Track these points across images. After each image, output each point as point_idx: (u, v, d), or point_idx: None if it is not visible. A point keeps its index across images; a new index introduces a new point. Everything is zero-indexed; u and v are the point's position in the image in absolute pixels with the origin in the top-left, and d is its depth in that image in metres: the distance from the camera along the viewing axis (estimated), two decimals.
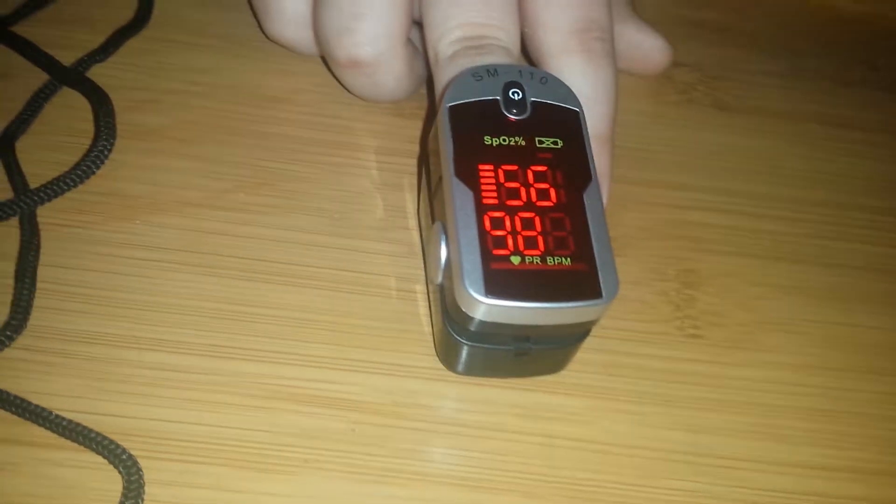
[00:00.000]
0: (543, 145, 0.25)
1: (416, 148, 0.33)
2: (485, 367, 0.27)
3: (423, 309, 0.29)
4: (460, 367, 0.27)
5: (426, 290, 0.29)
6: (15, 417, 0.24)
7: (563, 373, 0.28)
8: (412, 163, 0.33)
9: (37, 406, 0.24)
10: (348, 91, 0.33)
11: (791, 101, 0.38)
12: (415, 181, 0.32)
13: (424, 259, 0.29)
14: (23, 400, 0.24)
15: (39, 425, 0.24)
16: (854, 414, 0.29)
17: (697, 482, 0.26)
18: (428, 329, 0.28)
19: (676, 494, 0.26)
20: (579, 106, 0.26)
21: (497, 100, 0.26)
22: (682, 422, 0.27)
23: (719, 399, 0.28)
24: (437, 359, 0.27)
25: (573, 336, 0.26)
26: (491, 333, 0.25)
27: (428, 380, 0.27)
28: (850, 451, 0.28)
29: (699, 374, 0.29)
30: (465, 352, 0.26)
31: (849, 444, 0.28)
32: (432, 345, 0.28)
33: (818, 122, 0.38)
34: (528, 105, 0.26)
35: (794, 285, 0.32)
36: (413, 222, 0.31)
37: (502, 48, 0.27)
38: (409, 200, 0.31)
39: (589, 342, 0.26)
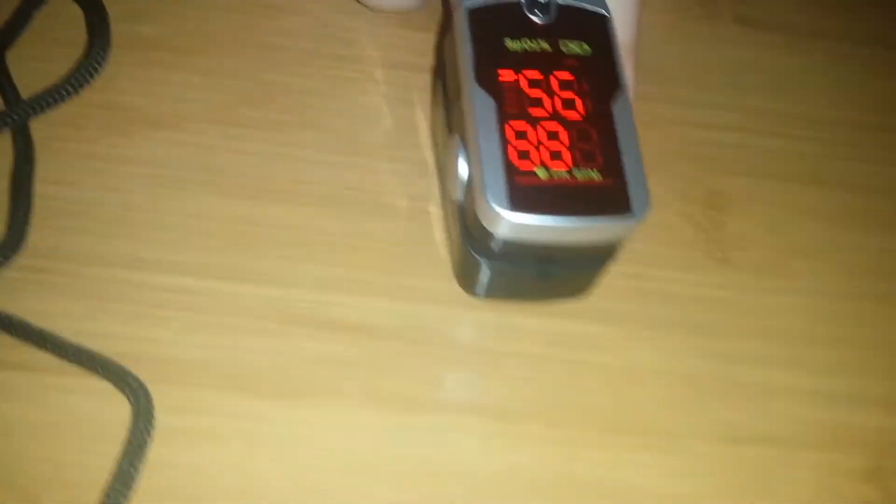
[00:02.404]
0: (569, 51, 0.24)
1: (426, 61, 0.31)
2: (506, 289, 0.26)
3: (437, 230, 0.27)
4: (480, 290, 0.25)
5: (441, 210, 0.28)
6: (17, 342, 0.23)
7: (586, 299, 0.26)
8: (422, 77, 0.31)
9: (40, 329, 0.23)
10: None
11: (815, 16, 0.37)
12: (426, 96, 0.30)
13: (440, 176, 0.28)
14: (26, 323, 0.23)
15: (43, 350, 0.23)
16: (883, 341, 0.28)
17: (722, 410, 0.25)
18: (443, 252, 0.27)
19: (701, 422, 0.25)
20: (608, 10, 0.25)
21: (520, 1, 0.24)
22: (710, 348, 0.27)
23: (746, 325, 0.27)
24: (454, 282, 0.26)
25: (598, 258, 0.24)
26: (514, 252, 0.23)
27: (446, 304, 0.26)
28: (882, 379, 0.27)
29: (726, 300, 0.28)
30: (485, 273, 0.24)
31: (880, 371, 0.27)
32: (448, 268, 0.26)
33: (844, 40, 0.36)
34: (554, 8, 0.24)
35: (821, 208, 0.30)
36: (424, 139, 0.29)
37: None
38: (420, 116, 0.30)
39: (613, 267, 0.25)
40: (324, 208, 0.27)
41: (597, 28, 0.24)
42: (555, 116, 0.23)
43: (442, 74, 0.27)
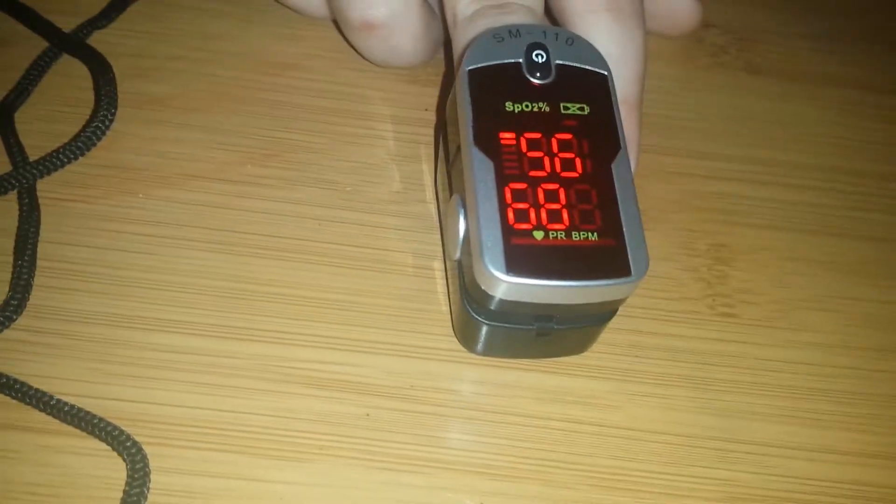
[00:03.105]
0: (569, 112, 0.24)
1: (432, 117, 0.32)
2: (505, 347, 0.26)
3: (440, 287, 0.27)
4: (479, 348, 0.25)
5: (444, 267, 0.28)
6: (15, 402, 0.23)
7: (586, 354, 0.26)
8: (428, 132, 0.31)
9: (38, 390, 0.23)
10: (361, 56, 0.31)
11: (827, 64, 0.36)
12: (431, 152, 0.31)
13: (442, 234, 0.28)
14: (23, 384, 0.23)
15: (40, 410, 0.23)
16: (891, 397, 0.27)
17: (727, 469, 0.25)
18: (446, 308, 0.27)
19: (704, 482, 0.25)
20: (608, 69, 0.25)
21: (519, 63, 0.24)
22: (712, 406, 0.26)
23: (751, 382, 0.27)
24: (455, 339, 0.26)
25: (599, 316, 0.24)
26: (512, 312, 0.23)
27: (445, 361, 0.26)
28: (887, 436, 0.26)
29: (730, 354, 0.27)
30: (484, 332, 0.24)
31: (885, 428, 0.26)
32: (450, 324, 0.26)
33: (855, 87, 0.36)
34: (553, 68, 0.24)
35: (829, 260, 0.30)
36: (430, 195, 0.29)
37: (525, 7, 0.26)
38: (426, 172, 0.30)
39: (614, 322, 0.25)
40: (327, 266, 0.27)
41: (596, 87, 0.24)
42: (554, 177, 0.23)
43: (444, 133, 0.27)
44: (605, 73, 0.25)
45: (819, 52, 0.37)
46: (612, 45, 0.27)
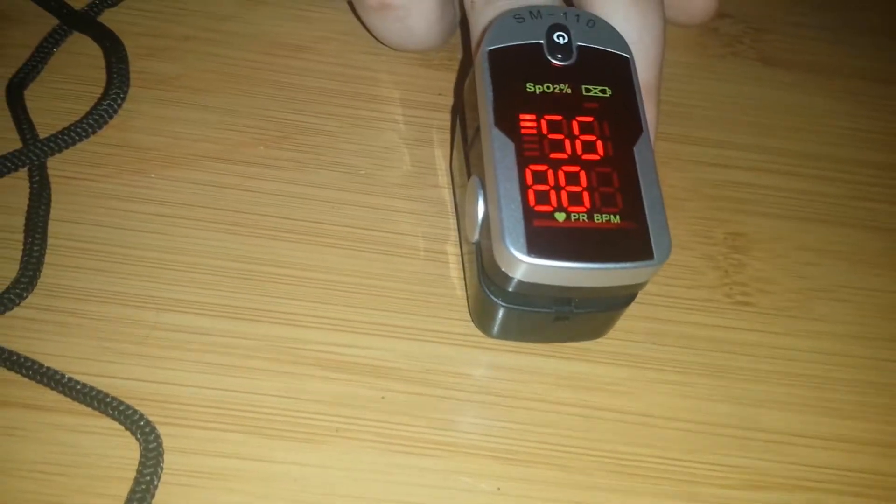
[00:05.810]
0: (590, 94, 0.23)
1: (445, 101, 0.31)
2: (522, 331, 0.25)
3: (454, 271, 0.27)
4: (496, 331, 0.25)
5: (458, 251, 0.27)
6: (25, 380, 0.23)
7: (604, 340, 0.26)
8: (442, 116, 0.31)
9: (49, 368, 0.23)
10: (375, 39, 0.31)
11: (839, 55, 0.36)
12: (445, 136, 0.30)
13: (458, 217, 0.28)
14: (34, 362, 0.23)
15: (52, 389, 0.23)
16: None
17: (743, 457, 0.25)
18: (460, 292, 0.27)
19: (721, 470, 0.25)
20: (629, 52, 0.24)
21: (540, 44, 0.24)
22: (729, 394, 0.26)
23: (767, 370, 0.27)
24: (470, 323, 0.26)
25: (617, 300, 0.24)
26: (530, 295, 0.23)
27: (461, 346, 0.26)
28: None
29: (747, 343, 0.27)
30: (501, 314, 0.24)
31: None
32: (465, 309, 0.26)
33: (867, 79, 0.36)
34: (574, 50, 0.24)
35: (843, 250, 0.30)
36: (443, 179, 0.29)
37: None
38: (439, 156, 0.30)
39: (632, 309, 0.24)
40: (340, 248, 0.27)
41: (618, 70, 0.24)
42: (575, 160, 0.22)
43: (461, 115, 0.27)
44: (627, 55, 0.24)
45: (832, 43, 0.37)
46: (631, 29, 0.26)
